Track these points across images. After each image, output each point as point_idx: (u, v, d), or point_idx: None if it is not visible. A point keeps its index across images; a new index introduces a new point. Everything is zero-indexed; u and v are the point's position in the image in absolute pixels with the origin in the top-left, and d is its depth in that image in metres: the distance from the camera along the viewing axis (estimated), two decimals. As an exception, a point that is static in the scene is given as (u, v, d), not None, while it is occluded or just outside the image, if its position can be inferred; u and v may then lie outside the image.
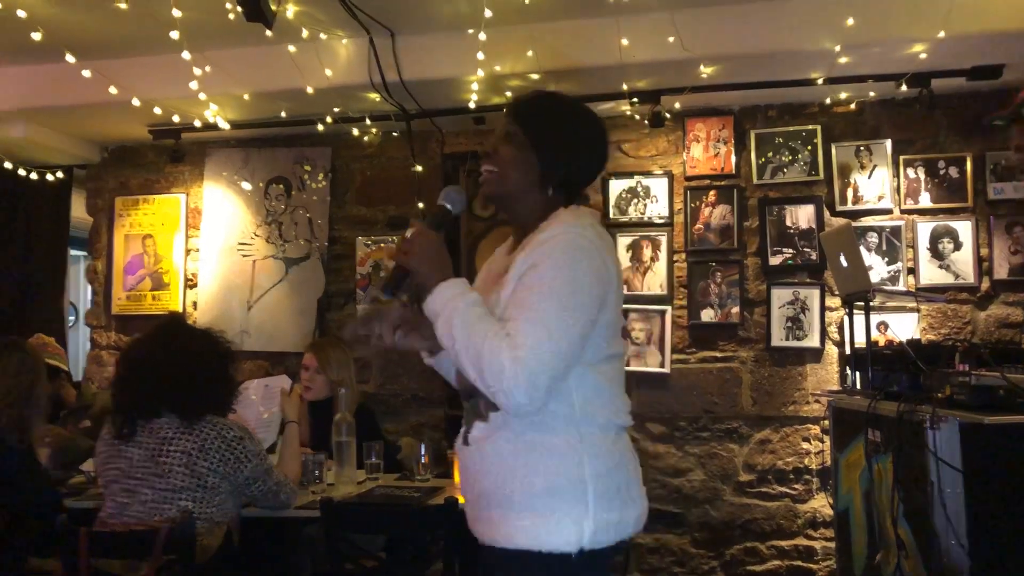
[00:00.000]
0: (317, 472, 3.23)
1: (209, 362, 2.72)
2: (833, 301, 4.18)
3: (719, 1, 3.57)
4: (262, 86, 3.98)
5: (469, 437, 1.73)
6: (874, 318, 3.76)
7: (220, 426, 2.63)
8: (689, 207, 4.34)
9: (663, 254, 4.33)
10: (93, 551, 2.45)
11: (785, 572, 4.16)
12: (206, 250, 4.82)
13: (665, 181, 4.37)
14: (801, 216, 4.24)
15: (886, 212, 4.20)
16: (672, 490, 4.28)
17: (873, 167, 4.21)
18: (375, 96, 3.97)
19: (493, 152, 1.78)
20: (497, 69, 3.77)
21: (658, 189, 4.38)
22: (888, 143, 4.20)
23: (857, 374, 3.51)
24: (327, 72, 3.84)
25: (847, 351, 3.99)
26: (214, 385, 2.71)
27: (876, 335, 3.89)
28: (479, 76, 3.78)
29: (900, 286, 4.11)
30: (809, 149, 4.26)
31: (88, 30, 3.63)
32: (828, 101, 4.23)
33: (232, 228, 4.79)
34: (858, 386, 3.46)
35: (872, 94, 4.13)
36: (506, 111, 1.84)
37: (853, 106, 4.22)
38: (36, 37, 3.48)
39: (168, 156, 4.65)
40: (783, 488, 4.20)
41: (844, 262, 3.53)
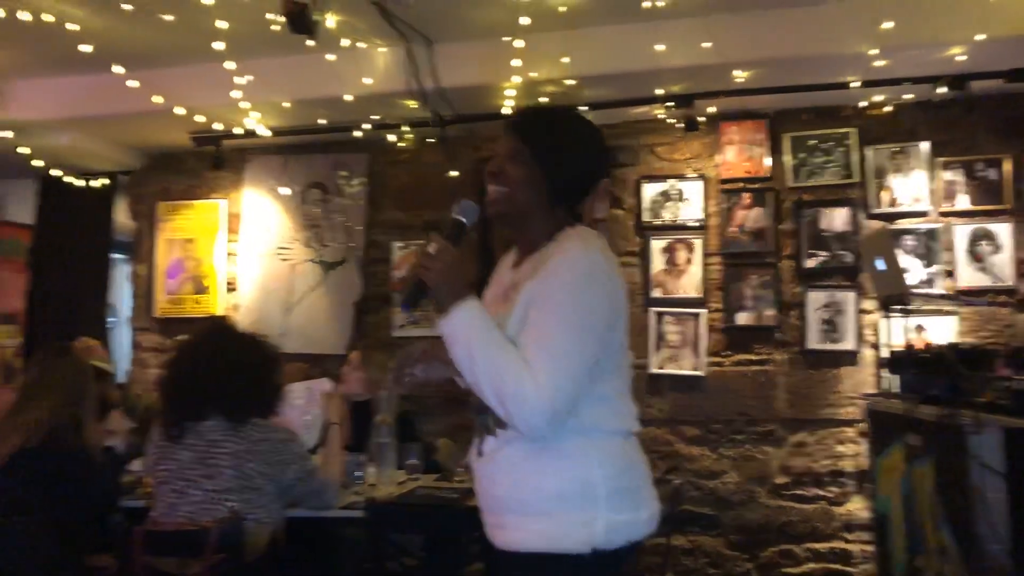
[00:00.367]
0: (358, 473, 3.30)
1: (255, 365, 2.78)
2: (869, 304, 4.17)
3: (754, 6, 3.58)
4: (302, 94, 4.06)
5: (482, 449, 1.78)
6: (911, 321, 3.75)
7: (266, 428, 2.70)
8: (723, 210, 4.35)
9: (697, 257, 4.34)
10: (147, 549, 2.52)
11: (821, 575, 4.15)
12: (246, 254, 4.91)
13: (699, 184, 4.39)
14: (836, 219, 4.23)
15: (923, 215, 4.18)
16: (707, 492, 4.29)
17: (909, 169, 4.19)
18: (412, 103, 4.03)
19: (500, 172, 1.78)
20: (533, 75, 3.81)
21: (692, 192, 4.39)
22: (925, 145, 4.18)
23: (894, 378, 3.51)
24: (365, 80, 3.90)
25: (884, 354, 3.99)
26: (260, 388, 2.78)
27: (913, 338, 3.87)
28: (515, 82, 3.83)
29: (938, 289, 4.09)
30: (844, 152, 4.25)
31: (134, 41, 3.72)
32: (863, 104, 4.21)
33: (271, 233, 4.88)
34: (895, 390, 3.45)
35: (909, 96, 4.11)
36: (508, 127, 1.82)
37: (889, 108, 4.20)
38: (86, 49, 3.59)
39: (209, 162, 4.74)
40: (819, 491, 4.19)
41: (881, 265, 3.52)
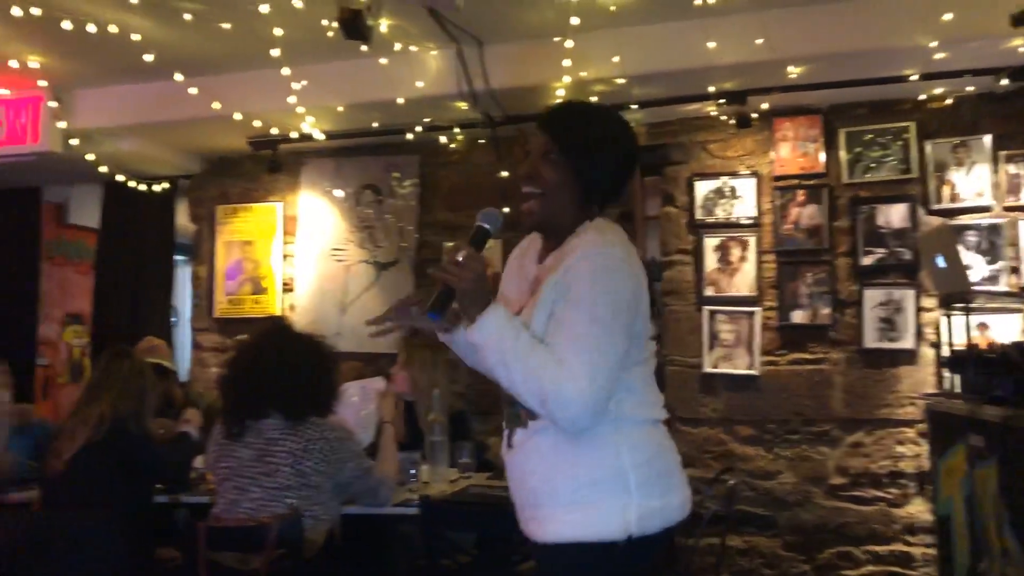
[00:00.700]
0: (413, 471, 3.34)
1: (313, 365, 2.85)
2: (928, 301, 4.08)
3: (808, 1, 3.53)
4: (355, 98, 4.12)
5: (512, 441, 1.79)
6: (973, 319, 3.66)
7: (323, 427, 2.75)
8: (777, 207, 4.29)
9: (751, 255, 4.29)
10: (209, 544, 2.60)
11: (881, 578, 4.08)
12: (302, 255, 5.01)
13: (752, 181, 4.34)
14: (894, 215, 4.15)
15: (985, 210, 4.06)
16: (762, 492, 4.24)
17: (971, 163, 4.09)
18: (462, 105, 4.06)
19: (535, 174, 1.78)
20: (583, 75, 3.82)
21: (745, 189, 4.34)
22: (987, 138, 4.07)
23: (956, 377, 3.43)
24: (417, 83, 3.95)
25: (944, 353, 3.90)
26: (317, 387, 2.84)
27: (976, 337, 3.78)
28: (565, 82, 3.83)
29: (1001, 286, 3.98)
30: (902, 146, 4.16)
31: (194, 49, 3.82)
32: (922, 97, 4.12)
33: (326, 234, 4.96)
34: (957, 389, 3.38)
35: (970, 89, 4.01)
36: (540, 125, 1.82)
37: (949, 101, 4.10)
38: (149, 58, 3.70)
39: (266, 166, 4.84)
40: (877, 492, 4.11)
41: (942, 262, 3.45)
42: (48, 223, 5.84)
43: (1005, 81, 3.77)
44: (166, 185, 5.24)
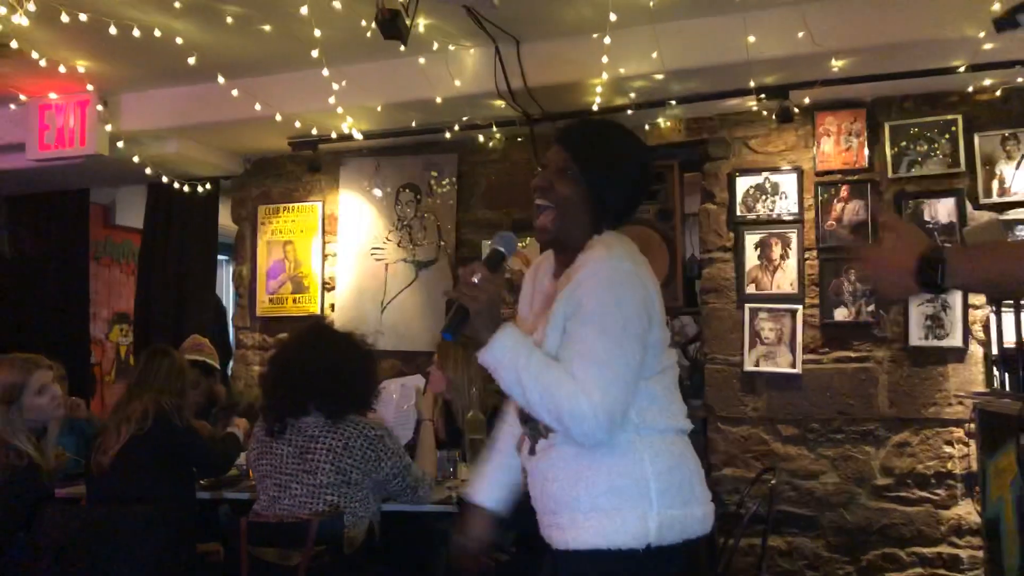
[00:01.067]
0: (452, 469, 3.36)
1: (352, 364, 2.87)
2: (977, 299, 3.97)
3: (851, -8, 3.47)
4: (394, 97, 4.14)
5: (536, 448, 1.81)
6: (1024, 316, 3.56)
7: (362, 425, 2.78)
8: (820, 203, 4.22)
9: (793, 252, 4.23)
10: (251, 540, 2.64)
11: (927, 581, 4.00)
12: (342, 255, 5.05)
13: (794, 177, 4.27)
14: (941, 210, 4.06)
15: (1037, 204, 3.96)
16: (804, 493, 4.18)
17: (1021, 156, 3.98)
18: (500, 103, 4.06)
19: (549, 187, 1.79)
20: (621, 71, 3.79)
21: (787, 185, 4.28)
22: (1039, 131, 3.96)
23: (1006, 375, 3.35)
24: (455, 82, 3.96)
25: (994, 351, 3.81)
26: (357, 386, 2.86)
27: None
28: (603, 79, 3.81)
29: (1053, 282, 3.87)
30: (949, 140, 4.07)
31: (236, 52, 3.88)
32: (970, 89, 4.02)
33: (366, 233, 5.00)
34: (1007, 388, 3.30)
35: (1020, 80, 3.90)
36: (558, 140, 1.84)
37: (998, 93, 4.00)
38: (191, 61, 3.76)
39: (306, 166, 4.89)
40: (924, 493, 4.03)
41: (990, 259, 3.36)
42: (95, 224, 5.98)
43: (1057, 71, 3.67)
44: (209, 186, 5.31)
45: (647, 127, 4.47)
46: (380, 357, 4.73)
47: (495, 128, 4.47)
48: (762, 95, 4.01)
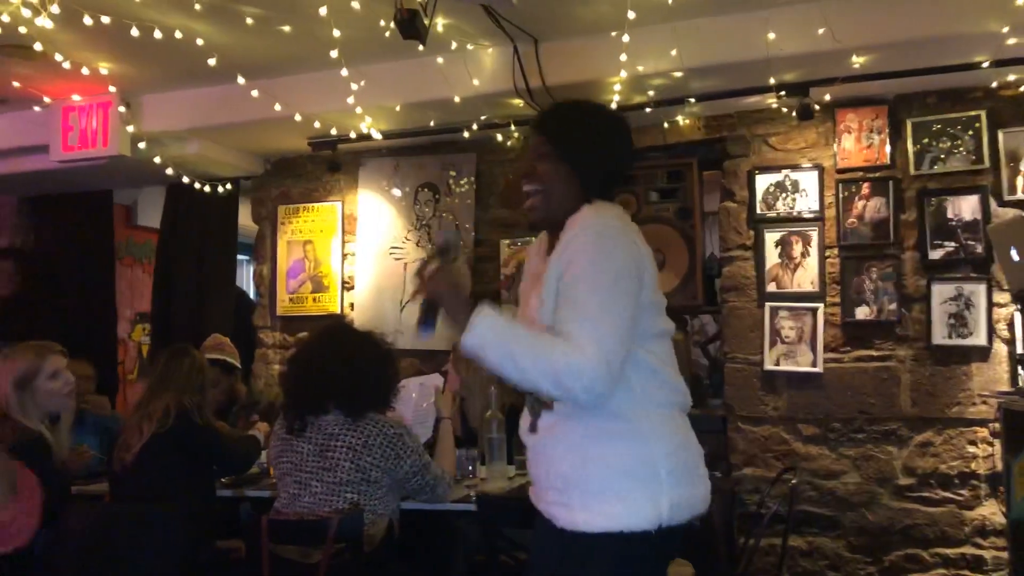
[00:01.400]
0: (471, 467, 3.36)
1: (372, 363, 2.88)
2: (1002, 297, 3.93)
3: (872, -13, 3.44)
4: (412, 97, 4.15)
5: (537, 424, 1.82)
6: (1050, 315, 3.52)
7: (381, 423, 2.79)
8: (841, 200, 4.19)
9: (814, 250, 4.20)
10: (271, 537, 2.65)
11: (951, 582, 3.96)
12: (361, 254, 5.07)
13: (815, 174, 4.24)
14: (964, 207, 4.01)
15: (1062, 201, 3.91)
16: (825, 492, 4.15)
17: (1047, 152, 3.93)
18: (518, 102, 4.06)
19: (532, 171, 1.87)
20: (640, 69, 3.78)
21: (807, 183, 4.25)
22: (1063, 126, 3.91)
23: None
24: (473, 81, 3.96)
25: (1019, 350, 3.76)
26: (376, 384, 2.87)
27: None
28: (621, 77, 3.80)
29: (1080, 280, 3.82)
30: (973, 136, 4.02)
31: (256, 53, 3.90)
32: (994, 85, 3.97)
33: (385, 233, 5.01)
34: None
35: (1045, 75, 3.85)
36: (533, 127, 1.93)
37: (1023, 88, 3.95)
38: (211, 63, 3.79)
39: (325, 166, 4.91)
40: (947, 493, 3.99)
41: (1016, 255, 3.33)
42: (118, 224, 6.03)
43: (1083, 66, 3.62)
44: (229, 186, 5.34)
45: (666, 125, 4.45)
46: (400, 356, 4.75)
47: (513, 127, 4.47)
48: (782, 92, 3.99)
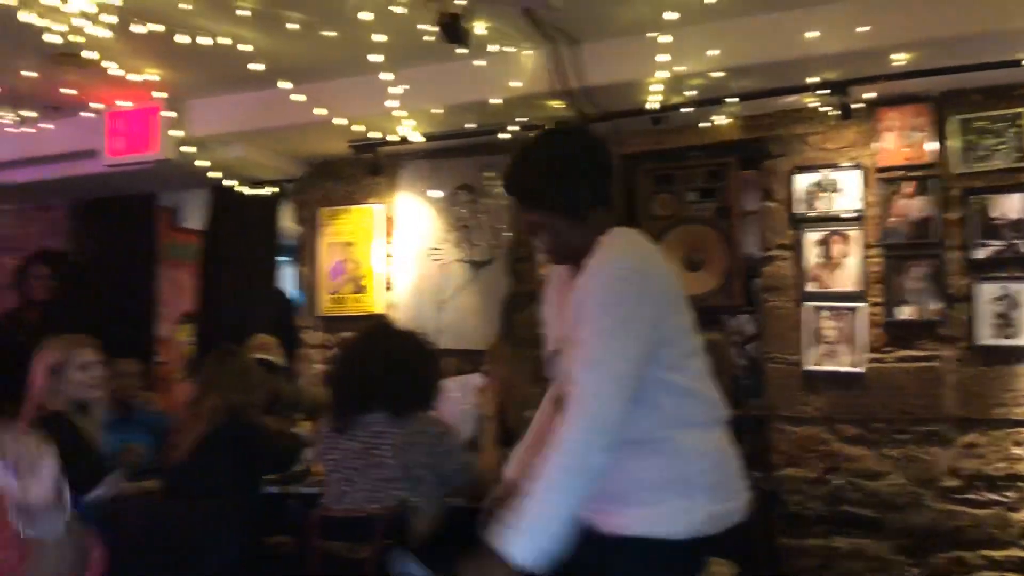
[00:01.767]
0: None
1: (415, 362, 2.93)
2: (1050, 295, 3.87)
3: (915, -15, 3.41)
4: (452, 100, 4.18)
5: None
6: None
7: (425, 422, 2.84)
8: (882, 199, 4.15)
9: (855, 249, 4.17)
10: (321, 533, 2.71)
11: (997, 584, 3.91)
12: (401, 255, 5.12)
13: (855, 174, 4.20)
14: (1010, 206, 3.95)
15: (1111, 198, 3.84)
16: (868, 494, 4.11)
17: (1094, 149, 3.87)
18: (557, 103, 4.08)
19: (530, 230, 1.96)
20: (678, 70, 3.78)
21: (848, 182, 4.21)
22: (1113, 122, 3.84)
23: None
24: (512, 83, 3.99)
25: (1067, 350, 3.71)
26: (420, 383, 2.92)
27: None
28: (660, 78, 3.81)
29: None
30: (1018, 133, 3.96)
31: (299, 58, 3.96)
32: (1041, 80, 3.92)
33: (424, 234, 5.06)
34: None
35: (1092, 71, 3.79)
36: (506, 193, 2.03)
37: (1071, 84, 3.89)
38: (258, 68, 3.86)
39: (366, 169, 4.97)
40: (993, 495, 3.94)
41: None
42: (162, 227, 6.15)
43: None
44: (275, 189, 5.42)
45: (704, 125, 4.44)
46: (440, 356, 4.80)
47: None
48: (822, 91, 3.97)
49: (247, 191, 5.33)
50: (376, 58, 3.64)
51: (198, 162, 4.83)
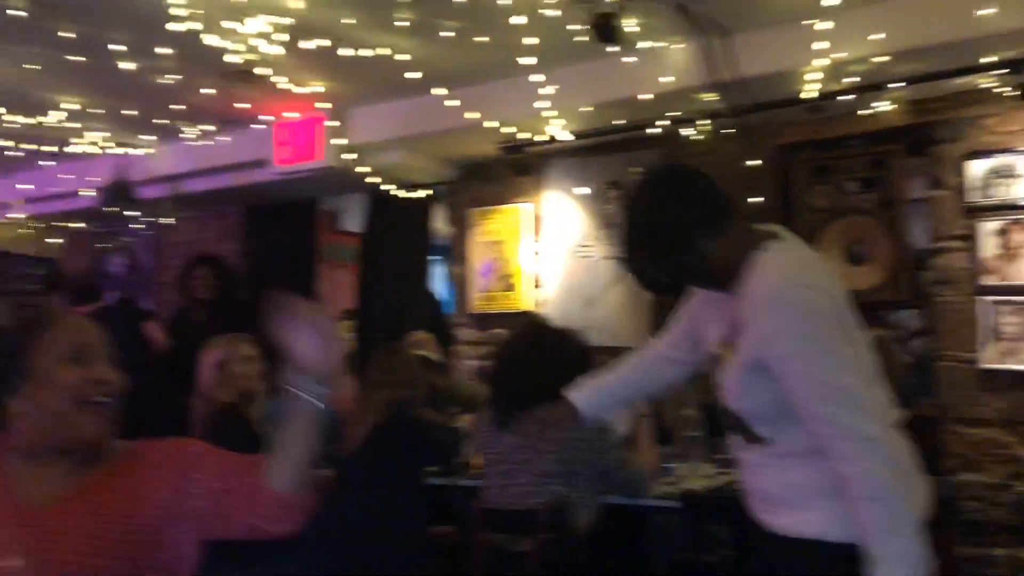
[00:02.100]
0: (668, 465, 3.38)
1: (572, 358, 2.96)
2: None
3: (1107, -51, 3.13)
4: (602, 97, 4.19)
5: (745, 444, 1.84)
6: None
7: (584, 418, 2.86)
8: (1069, 185, 3.84)
9: (1036, 239, 3.87)
10: (484, 525, 2.79)
11: None
12: (550, 253, 5.18)
13: (1037, 157, 3.91)
14: None
15: None
16: (1056, 502, 3.82)
17: None
18: (708, 96, 4.01)
19: (667, 284, 1.92)
20: (837, 56, 3.64)
21: (1028, 167, 3.92)
22: None
23: None
24: (662, 78, 3.96)
25: None
26: (577, 380, 2.95)
27: None
28: (818, 65, 3.67)
29: None
30: None
31: (452, 64, 4.09)
32: None
33: (572, 232, 5.10)
34: None
35: None
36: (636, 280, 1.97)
37: None
38: (414, 76, 4.02)
39: (514, 169, 5.05)
40: None
41: None
42: (323, 230, 6.49)
43: None
44: (428, 192, 5.61)
45: (865, 112, 4.24)
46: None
47: (701, 122, 4.41)
48: (997, 71, 3.70)
49: (402, 194, 5.53)
50: (527, 60, 3.70)
51: (358, 168, 5.07)
